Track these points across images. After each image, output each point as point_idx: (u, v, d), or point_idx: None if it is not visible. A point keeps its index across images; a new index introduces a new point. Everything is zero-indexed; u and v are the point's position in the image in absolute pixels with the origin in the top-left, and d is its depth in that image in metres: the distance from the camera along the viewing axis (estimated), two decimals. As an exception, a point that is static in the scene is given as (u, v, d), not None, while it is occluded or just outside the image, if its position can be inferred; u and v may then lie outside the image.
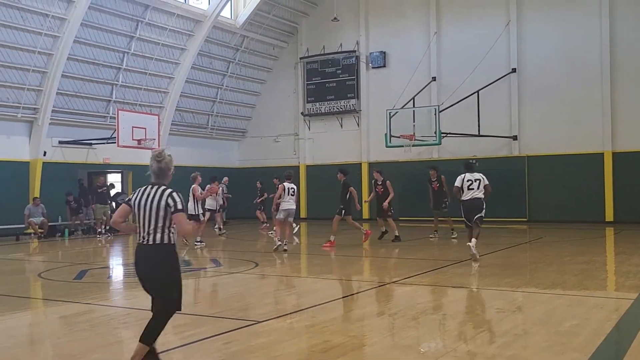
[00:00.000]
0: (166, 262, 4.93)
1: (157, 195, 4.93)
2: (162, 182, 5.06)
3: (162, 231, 4.89)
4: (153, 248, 4.89)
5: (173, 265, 4.97)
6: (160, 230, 4.88)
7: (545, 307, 7.43)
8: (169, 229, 4.92)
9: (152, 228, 4.89)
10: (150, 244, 4.89)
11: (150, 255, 4.91)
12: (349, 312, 7.37)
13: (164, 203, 4.89)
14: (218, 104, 26.76)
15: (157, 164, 5.06)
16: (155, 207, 4.89)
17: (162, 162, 5.06)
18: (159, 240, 4.89)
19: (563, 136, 21.83)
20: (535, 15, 22.65)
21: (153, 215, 4.89)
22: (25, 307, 8.51)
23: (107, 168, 23.28)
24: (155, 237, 4.89)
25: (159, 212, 4.88)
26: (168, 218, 4.89)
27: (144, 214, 4.91)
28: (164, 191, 4.94)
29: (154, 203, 4.90)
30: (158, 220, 4.88)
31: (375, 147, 24.85)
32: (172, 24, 22.78)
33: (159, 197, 4.91)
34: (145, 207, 4.92)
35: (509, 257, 12.65)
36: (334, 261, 13.18)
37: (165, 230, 4.90)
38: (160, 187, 5.00)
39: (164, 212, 4.88)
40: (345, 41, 26.17)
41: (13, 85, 19.05)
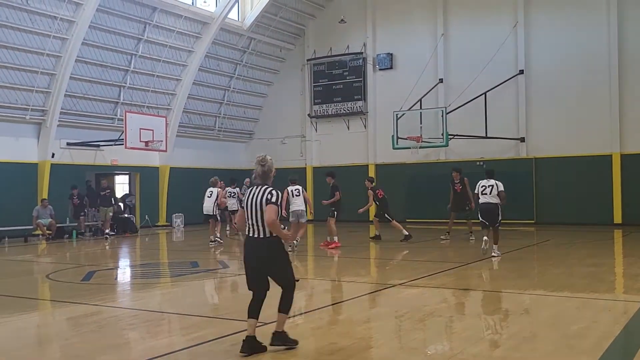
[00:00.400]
0: (276, 250, 5.62)
1: (260, 193, 5.60)
2: (265, 182, 5.71)
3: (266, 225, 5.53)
4: (262, 240, 5.57)
5: (281, 251, 5.68)
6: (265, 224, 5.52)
7: (553, 310, 7.39)
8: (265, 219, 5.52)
9: (260, 223, 5.54)
10: (260, 237, 5.57)
11: (261, 247, 5.57)
12: (355, 314, 7.35)
13: (266, 197, 5.54)
14: (225, 105, 26.81)
15: (261, 168, 5.71)
16: (259, 204, 5.56)
17: (265, 165, 5.71)
18: (267, 234, 5.56)
19: (571, 138, 21.73)
20: (543, 17, 22.58)
21: (258, 211, 5.55)
22: (34, 308, 8.55)
23: (114, 170, 23.38)
24: (263, 230, 5.55)
25: (262, 208, 5.53)
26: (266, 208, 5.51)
27: (252, 211, 5.59)
28: (265, 189, 5.60)
29: (258, 200, 5.57)
30: (262, 214, 5.52)
31: (382, 148, 24.81)
32: (180, 26, 22.85)
33: (262, 195, 5.57)
34: (252, 205, 5.60)
35: (517, 259, 12.59)
36: (341, 263, 13.17)
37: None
38: (264, 186, 5.65)
39: (265, 204, 5.52)
40: (352, 43, 26.17)
41: (22, 88, 19.16)
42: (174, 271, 12.14)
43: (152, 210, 24.05)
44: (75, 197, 19.91)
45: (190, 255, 14.76)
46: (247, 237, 5.68)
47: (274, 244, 5.59)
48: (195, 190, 21.49)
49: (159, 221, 24.26)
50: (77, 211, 20.06)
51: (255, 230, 5.59)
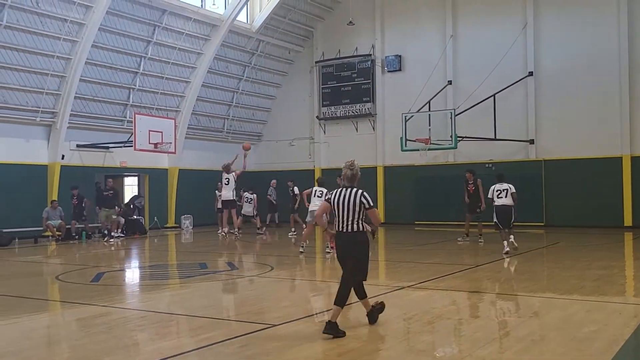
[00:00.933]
0: (361, 244, 6.38)
1: (352, 195, 6.33)
2: (352, 185, 6.44)
3: (357, 222, 6.32)
4: (351, 235, 6.34)
5: (365, 246, 6.41)
6: (355, 221, 6.31)
7: (562, 313, 7.35)
8: (360, 220, 6.34)
9: (350, 220, 6.31)
10: (349, 231, 6.33)
11: (349, 240, 6.35)
12: (363, 316, 7.34)
13: (358, 201, 6.30)
14: (234, 107, 26.87)
15: (350, 171, 6.45)
16: (352, 204, 6.29)
17: (354, 169, 6.45)
18: (356, 228, 6.33)
19: (581, 140, 21.62)
20: (553, 18, 22.49)
21: (350, 210, 6.31)
22: (43, 309, 8.59)
23: (123, 171, 23.49)
24: (353, 226, 6.32)
25: (355, 208, 6.30)
26: (361, 212, 6.32)
27: (343, 210, 6.34)
28: (357, 192, 6.35)
29: (350, 201, 6.30)
30: (355, 214, 6.31)
31: (391, 150, 24.79)
32: (189, 29, 22.93)
33: (354, 197, 6.32)
34: (343, 204, 6.33)
35: (526, 262, 12.54)
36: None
37: (358, 221, 6.33)
38: (353, 188, 6.40)
39: (359, 208, 6.30)
40: (360, 45, 26.16)
41: (32, 90, 19.28)
42: (182, 273, 12.17)
43: (161, 211, 24.13)
44: (75, 197, 19.35)
45: (199, 256, 14.80)
46: (338, 232, 6.42)
47: (360, 238, 6.37)
48: (203, 192, 21.62)
49: (168, 223, 24.33)
50: (77, 213, 19.39)
51: (344, 226, 6.34)
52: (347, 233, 6.36)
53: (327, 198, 6.58)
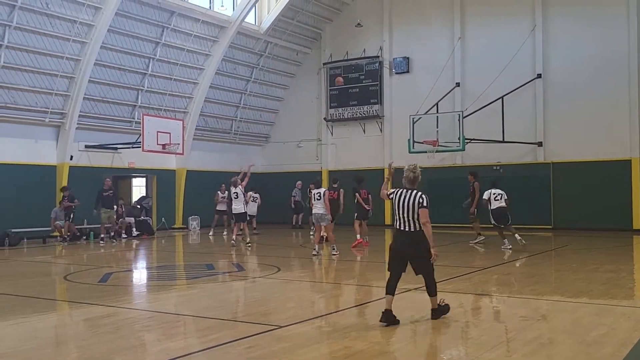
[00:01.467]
0: (422, 241, 6.82)
1: (412, 196, 6.86)
2: (413, 187, 6.96)
3: (416, 221, 6.80)
4: (411, 233, 6.83)
5: (425, 244, 6.81)
6: (415, 220, 6.80)
7: (570, 316, 7.31)
8: (419, 220, 6.78)
9: (410, 219, 6.81)
10: (410, 230, 6.83)
11: (410, 238, 6.85)
12: (371, 318, 7.33)
13: (417, 202, 6.79)
14: (242, 109, 26.92)
15: (413, 174, 6.99)
16: (411, 205, 6.80)
17: (416, 172, 7.00)
18: (415, 228, 6.81)
19: (589, 142, 21.52)
20: (562, 20, 22.40)
21: (410, 210, 6.81)
22: (51, 309, 8.63)
23: (132, 172, 23.57)
24: (413, 225, 6.80)
25: (414, 208, 6.79)
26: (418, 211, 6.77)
27: (403, 209, 6.84)
28: (416, 193, 6.88)
29: (410, 201, 6.82)
30: (414, 214, 6.78)
31: (398, 153, 24.70)
32: (197, 30, 23.00)
33: (414, 198, 6.83)
34: (404, 204, 6.85)
35: (534, 264, 12.48)
36: (357, 267, 13.14)
37: (417, 220, 6.79)
38: (414, 190, 6.92)
39: (417, 207, 6.77)
40: (368, 47, 26.16)
41: (41, 91, 19.39)
42: (189, 273, 12.20)
43: (168, 212, 24.20)
44: (66, 199, 18.77)
45: (206, 257, 14.83)
46: (397, 230, 6.94)
47: (421, 237, 6.81)
48: (211, 193, 21.64)
49: (176, 224, 24.40)
50: (66, 214, 18.76)
51: (405, 224, 6.85)
52: (407, 232, 6.87)
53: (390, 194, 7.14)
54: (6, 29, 17.93)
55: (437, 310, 6.97)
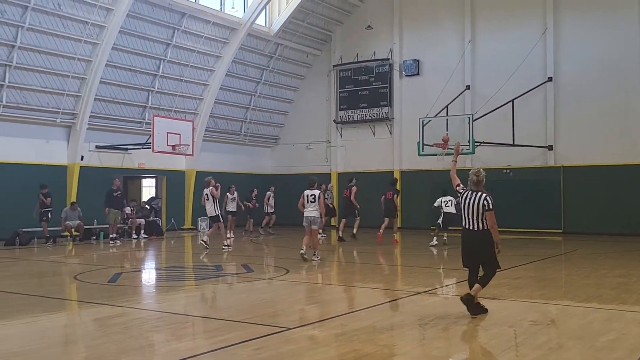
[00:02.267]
0: (487, 240, 7.34)
1: (477, 198, 7.36)
2: (478, 189, 7.44)
3: (482, 221, 7.33)
4: (477, 232, 7.36)
5: (491, 242, 7.34)
6: (480, 220, 7.33)
7: (580, 321, 7.27)
8: (484, 220, 7.32)
9: (475, 219, 7.35)
10: (476, 229, 7.36)
11: (476, 237, 7.40)
12: (379, 321, 7.31)
13: (482, 203, 7.30)
14: (251, 110, 26.97)
15: (477, 177, 7.46)
16: (477, 206, 7.31)
17: (480, 176, 7.48)
18: (481, 227, 7.34)
19: (600, 146, 21.39)
20: (573, 23, 22.30)
21: (476, 211, 7.32)
22: (61, 308, 8.67)
23: (142, 173, 23.68)
24: (479, 225, 7.34)
25: (480, 209, 7.30)
26: (484, 213, 7.30)
27: (469, 211, 7.38)
28: (481, 195, 7.36)
29: (475, 203, 7.33)
30: (479, 214, 7.32)
31: (408, 155, 24.72)
32: (208, 32, 23.08)
33: (479, 199, 7.33)
34: (469, 206, 7.38)
35: (544, 268, 12.42)
36: (365, 269, 13.12)
37: (483, 220, 7.33)
38: (478, 192, 7.41)
39: (482, 209, 7.30)
40: (378, 49, 26.15)
41: (53, 91, 19.53)
42: (198, 274, 12.23)
43: (177, 213, 24.28)
44: (44, 198, 18.05)
45: (215, 258, 14.86)
46: (465, 229, 7.48)
47: (486, 236, 7.33)
48: (221, 194, 21.66)
49: (185, 224, 24.48)
50: (43, 213, 17.97)
51: (471, 224, 7.38)
52: (473, 230, 7.39)
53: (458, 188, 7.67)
54: (19, 29, 18.07)
55: (477, 305, 7.43)
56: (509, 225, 22.17)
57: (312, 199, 13.24)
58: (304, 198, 13.33)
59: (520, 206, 22.22)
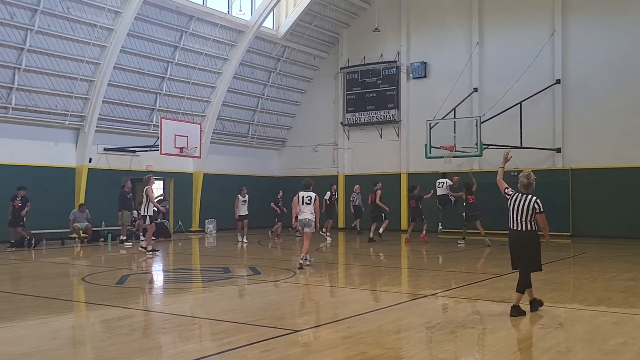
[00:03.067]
0: (534, 241, 7.66)
1: (527, 200, 7.61)
2: (528, 192, 7.68)
3: (529, 222, 7.58)
4: (524, 233, 7.61)
5: (537, 243, 7.68)
6: (528, 222, 7.57)
7: (589, 325, 7.23)
8: (532, 222, 7.59)
9: (524, 220, 7.58)
10: (523, 230, 7.60)
11: (523, 237, 7.63)
12: (386, 323, 7.30)
13: (532, 206, 7.56)
14: (259, 113, 27.01)
15: (527, 180, 7.71)
16: (526, 208, 7.56)
17: (530, 179, 7.72)
18: (528, 228, 7.58)
19: (609, 149, 21.27)
20: (581, 25, 22.19)
21: (523, 212, 7.57)
22: (69, 310, 8.71)
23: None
24: (527, 226, 7.58)
25: (529, 211, 7.55)
26: (533, 215, 7.57)
27: (517, 212, 7.61)
28: (531, 198, 7.63)
29: (525, 205, 7.58)
30: (527, 216, 7.56)
31: (415, 157, 24.67)
32: (215, 35, 23.14)
33: (529, 202, 7.59)
34: (518, 207, 7.62)
35: (552, 272, 12.36)
36: (372, 272, 13.11)
37: (530, 222, 7.58)
38: (528, 195, 7.66)
39: (532, 212, 7.55)
40: (386, 51, 26.14)
41: (61, 94, 19.63)
42: (205, 276, 12.25)
43: (185, 215, 24.34)
44: (17, 199, 17.19)
45: (222, 260, 14.89)
46: (511, 230, 7.70)
47: (532, 236, 7.62)
48: (228, 196, 21.70)
49: (192, 226, 24.54)
50: (16, 218, 17.17)
51: (518, 225, 7.60)
52: (521, 231, 7.61)
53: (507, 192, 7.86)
54: (28, 32, 18.19)
55: (534, 302, 7.78)
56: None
57: (308, 200, 12.64)
58: (299, 199, 12.73)
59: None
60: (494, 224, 16.92)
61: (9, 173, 18.49)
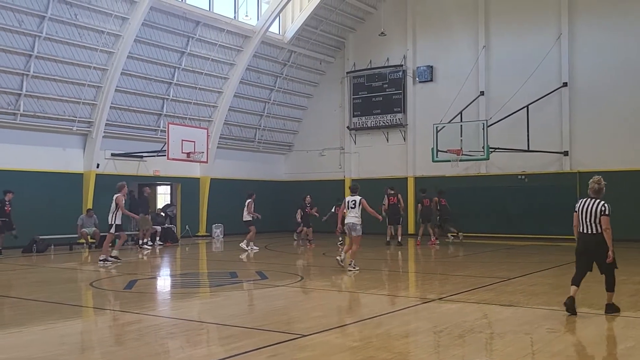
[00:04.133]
0: (602, 242, 7.87)
1: (596, 204, 7.93)
2: (598, 197, 7.99)
3: (599, 225, 7.86)
4: (593, 235, 7.90)
5: (605, 244, 7.85)
6: (596, 225, 7.87)
7: (598, 329, 7.20)
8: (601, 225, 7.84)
9: (592, 223, 7.90)
10: (592, 233, 7.90)
11: (592, 240, 7.91)
12: (394, 328, 7.29)
13: (600, 209, 7.87)
14: (265, 117, 27.07)
15: (597, 186, 8.04)
16: (594, 211, 7.89)
17: (600, 184, 8.03)
18: (597, 231, 7.87)
19: (617, 152, 21.17)
20: (588, 28, 22.14)
21: (593, 216, 7.88)
22: (77, 315, 8.73)
23: (156, 180, 23.81)
24: (596, 229, 7.88)
25: (597, 215, 7.87)
26: (601, 218, 7.85)
27: (586, 215, 7.94)
28: (599, 202, 7.93)
29: (594, 209, 7.90)
30: (596, 219, 7.87)
31: (422, 161, 24.66)
32: (222, 40, 23.22)
33: (597, 206, 7.91)
34: (588, 211, 7.94)
35: (560, 275, 12.30)
36: (381, 276, 13.08)
37: (599, 225, 7.86)
38: (597, 200, 7.96)
39: (600, 214, 7.85)
40: (392, 55, 26.15)
41: (69, 100, 19.74)
42: (213, 281, 12.26)
43: (192, 220, 24.39)
44: (8, 203, 16.89)
45: (229, 265, 14.90)
46: (581, 233, 8.03)
47: (601, 239, 7.85)
48: (235, 201, 21.74)
49: (199, 231, 24.58)
50: (7, 222, 16.81)
51: (588, 228, 7.92)
52: (590, 234, 7.92)
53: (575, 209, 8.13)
54: (36, 39, 18.31)
55: (610, 305, 7.91)
56: (524, 232, 22.05)
57: (353, 204, 12.85)
58: (345, 204, 13.04)
59: (536, 212, 22.08)
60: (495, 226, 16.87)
61: (17, 179, 18.58)
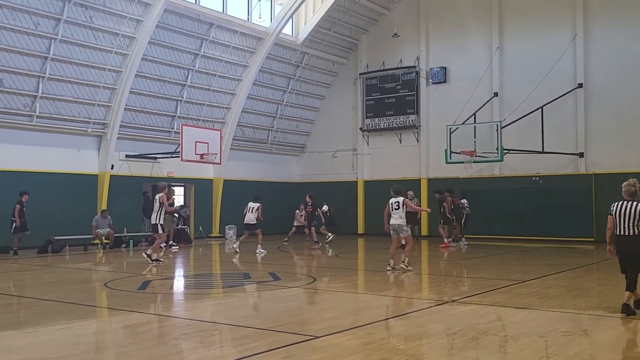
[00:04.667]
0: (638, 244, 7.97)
1: (632, 207, 8.07)
2: (633, 199, 8.13)
3: (636, 227, 7.99)
4: (632, 237, 8.01)
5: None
6: (634, 226, 8.00)
7: (613, 332, 7.13)
8: (638, 226, 7.98)
9: (628, 225, 8.03)
10: (630, 235, 8.02)
11: (630, 241, 8.04)
12: (407, 330, 7.26)
13: (637, 211, 8.00)
14: (278, 119, 27.11)
15: (633, 188, 8.22)
16: (632, 214, 8.02)
17: (636, 187, 8.23)
18: (635, 233, 7.98)
19: (633, 153, 20.96)
20: (603, 29, 21.95)
21: (630, 218, 8.03)
22: (92, 315, 8.80)
23: (170, 181, 23.87)
24: (633, 230, 8.00)
25: (635, 216, 8.01)
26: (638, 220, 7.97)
27: (623, 217, 8.09)
28: (637, 205, 8.06)
29: (631, 211, 8.04)
30: (633, 221, 8.01)
31: (435, 163, 24.59)
32: (235, 42, 23.30)
33: (634, 208, 8.04)
34: (624, 213, 8.09)
35: (575, 278, 12.21)
36: (393, 278, 13.05)
37: (636, 226, 7.98)
38: (634, 202, 8.12)
39: (638, 217, 7.98)
40: (405, 57, 26.09)
41: (84, 101, 19.90)
42: (226, 282, 12.30)
43: (205, 221, 24.48)
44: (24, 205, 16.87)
45: (242, 266, 14.94)
46: (618, 235, 8.12)
47: (637, 240, 7.98)
48: (248, 202, 21.75)
49: (212, 232, 24.66)
50: (23, 223, 16.84)
51: (625, 230, 8.05)
52: (627, 236, 8.04)
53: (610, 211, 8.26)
54: (52, 41, 18.48)
55: (627, 306, 7.92)
56: (539, 234, 21.89)
57: (396, 206, 12.87)
58: (389, 206, 13.04)
59: (551, 214, 21.92)
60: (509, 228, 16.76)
61: (33, 180, 18.77)
